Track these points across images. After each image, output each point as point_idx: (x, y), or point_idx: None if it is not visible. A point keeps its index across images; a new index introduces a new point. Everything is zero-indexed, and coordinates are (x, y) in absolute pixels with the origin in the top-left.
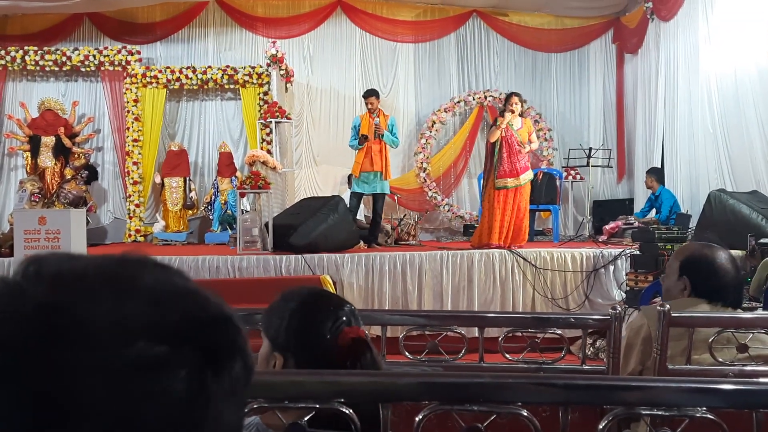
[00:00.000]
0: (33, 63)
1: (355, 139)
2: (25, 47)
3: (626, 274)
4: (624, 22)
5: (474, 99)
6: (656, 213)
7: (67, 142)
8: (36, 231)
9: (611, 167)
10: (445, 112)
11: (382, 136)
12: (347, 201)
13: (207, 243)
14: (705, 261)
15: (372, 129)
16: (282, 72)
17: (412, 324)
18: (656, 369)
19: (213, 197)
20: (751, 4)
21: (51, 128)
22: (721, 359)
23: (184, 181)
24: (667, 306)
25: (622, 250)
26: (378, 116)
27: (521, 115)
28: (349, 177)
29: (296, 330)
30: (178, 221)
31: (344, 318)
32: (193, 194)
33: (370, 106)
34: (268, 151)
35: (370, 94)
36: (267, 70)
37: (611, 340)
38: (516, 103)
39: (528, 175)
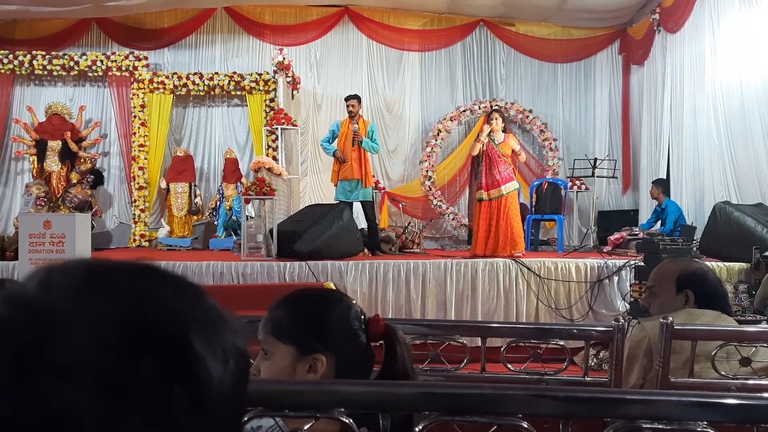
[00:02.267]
0: (41, 67)
1: (328, 142)
2: (33, 52)
3: (630, 285)
4: (630, 34)
5: (480, 108)
6: (661, 225)
7: (73, 146)
8: (41, 235)
9: (616, 178)
10: (451, 120)
11: (361, 143)
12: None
13: (211, 249)
14: (703, 273)
15: (350, 136)
16: (288, 79)
17: (415, 333)
18: (658, 382)
19: (218, 203)
20: (757, 17)
21: (58, 132)
22: (723, 372)
23: (190, 187)
24: (670, 318)
25: (626, 261)
26: (357, 122)
27: (504, 131)
28: None
29: (333, 326)
30: (182, 227)
31: (359, 310)
32: (198, 200)
33: (351, 109)
34: (274, 158)
35: (352, 97)
36: (274, 77)
37: (614, 352)
38: (496, 119)
39: (512, 185)
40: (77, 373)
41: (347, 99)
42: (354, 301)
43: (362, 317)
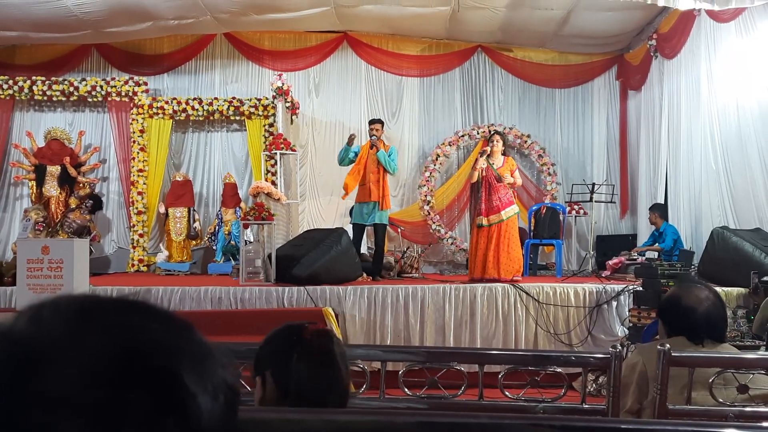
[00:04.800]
0: (40, 93)
1: (345, 152)
2: (33, 77)
3: (629, 310)
4: (628, 59)
5: (478, 133)
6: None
7: (72, 171)
8: (39, 260)
9: (614, 203)
10: (449, 145)
11: (378, 152)
12: (351, 233)
13: (210, 273)
14: (673, 300)
15: (371, 159)
16: (287, 104)
17: (413, 360)
18: (656, 409)
19: (217, 228)
20: (752, 43)
21: (57, 157)
22: (721, 399)
23: (188, 212)
24: (668, 345)
25: (625, 286)
26: (380, 147)
27: (504, 153)
28: (351, 209)
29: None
30: (181, 251)
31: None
32: (196, 224)
33: (375, 134)
34: (273, 183)
35: (376, 121)
36: (273, 102)
37: (611, 379)
38: (497, 141)
39: (512, 210)
40: (65, 406)
41: (371, 123)
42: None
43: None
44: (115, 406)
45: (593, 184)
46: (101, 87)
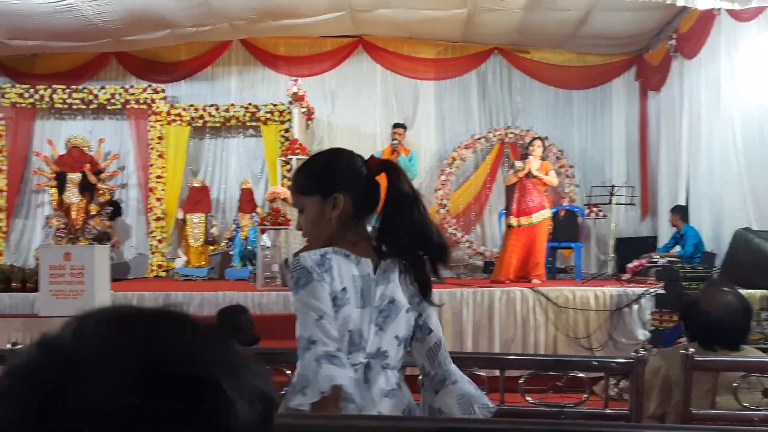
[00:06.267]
0: (61, 101)
1: None
2: (54, 86)
3: (651, 314)
4: (647, 60)
5: (495, 136)
6: (681, 249)
7: (92, 178)
8: (61, 267)
9: (634, 205)
10: (466, 148)
11: (398, 157)
12: None
13: (227, 279)
14: (690, 303)
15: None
16: (303, 109)
17: None
18: (680, 414)
19: (234, 233)
20: None
21: (77, 165)
22: (746, 403)
23: (206, 217)
24: (691, 350)
25: (646, 289)
26: (400, 151)
27: (542, 158)
28: None
29: (340, 170)
30: (199, 257)
31: (358, 156)
32: (214, 230)
33: (397, 138)
34: (289, 188)
35: (399, 125)
36: (288, 108)
37: (634, 384)
38: (538, 146)
39: (543, 213)
40: (104, 414)
41: (395, 127)
42: (354, 152)
43: (363, 159)
44: (152, 414)
45: (612, 186)
46: (120, 95)
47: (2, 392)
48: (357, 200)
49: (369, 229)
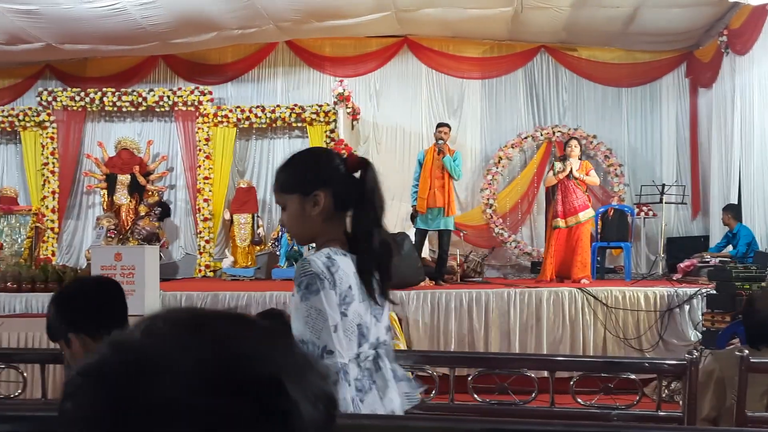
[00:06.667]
0: (111, 104)
1: (417, 180)
2: (104, 89)
3: (702, 315)
4: (697, 56)
5: (542, 135)
6: (732, 249)
7: (141, 180)
8: (112, 267)
9: (685, 204)
10: (512, 147)
11: (444, 158)
12: (412, 237)
13: (274, 278)
14: (747, 301)
15: (435, 164)
16: (348, 110)
17: (482, 366)
18: (734, 416)
19: (280, 233)
20: None
21: (127, 167)
22: None
23: (252, 218)
24: (746, 351)
25: (697, 289)
26: (444, 151)
27: (580, 158)
28: (412, 215)
29: (320, 168)
30: (246, 257)
31: (337, 153)
32: (260, 230)
33: (443, 137)
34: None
35: (444, 124)
36: (334, 108)
37: (687, 386)
38: (575, 146)
39: (589, 213)
40: (175, 412)
41: (439, 126)
42: (332, 149)
43: (341, 156)
44: (222, 412)
45: (663, 185)
46: (168, 97)
47: (75, 391)
48: (337, 197)
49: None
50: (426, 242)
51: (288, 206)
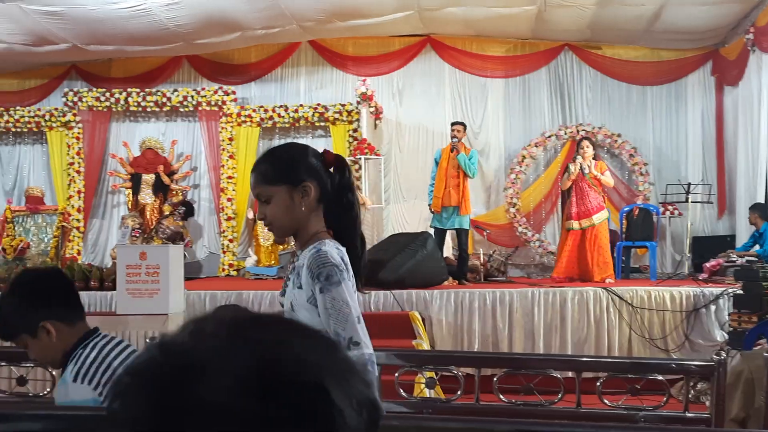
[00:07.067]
0: (135, 104)
1: (434, 179)
2: (128, 89)
3: (729, 315)
4: (723, 54)
5: (566, 133)
6: (759, 248)
7: (165, 179)
8: (137, 266)
9: (711, 203)
10: (536, 146)
11: (458, 156)
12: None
13: None
14: None
15: (451, 163)
16: (371, 109)
17: (508, 366)
18: (763, 418)
19: None
20: None
21: (151, 166)
22: None
23: None
24: None
25: (724, 289)
26: (460, 149)
27: (594, 158)
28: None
29: (305, 159)
30: (269, 256)
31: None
32: None
33: (456, 135)
34: (358, 188)
35: (458, 123)
36: (357, 108)
37: (715, 388)
38: (587, 147)
39: (603, 215)
40: (219, 413)
41: (453, 124)
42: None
43: (317, 151)
44: (265, 417)
45: (689, 184)
46: (192, 97)
47: (122, 390)
48: (323, 188)
49: None
50: (449, 241)
51: (274, 198)
